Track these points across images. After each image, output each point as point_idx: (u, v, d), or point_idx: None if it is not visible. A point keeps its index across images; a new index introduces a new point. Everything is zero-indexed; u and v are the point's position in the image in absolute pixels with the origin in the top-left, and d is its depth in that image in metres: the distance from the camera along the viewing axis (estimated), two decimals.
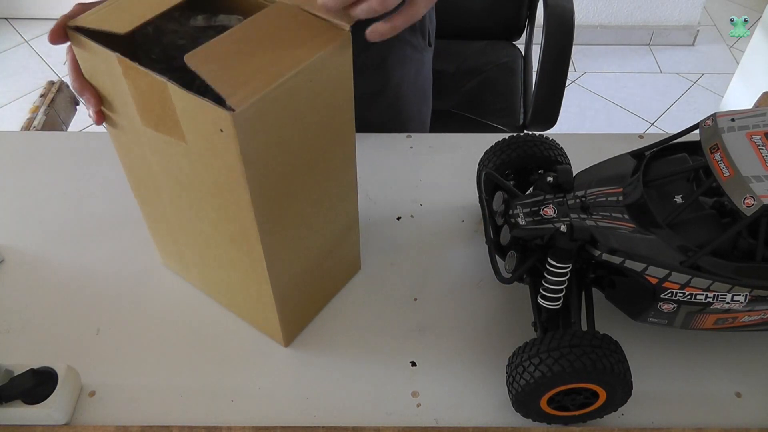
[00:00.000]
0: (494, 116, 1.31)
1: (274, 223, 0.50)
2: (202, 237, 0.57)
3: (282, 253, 0.54)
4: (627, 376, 0.52)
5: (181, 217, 0.57)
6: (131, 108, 0.49)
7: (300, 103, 0.46)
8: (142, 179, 0.58)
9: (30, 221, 0.73)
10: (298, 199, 0.52)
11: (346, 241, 0.64)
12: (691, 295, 0.52)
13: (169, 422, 0.56)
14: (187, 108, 0.44)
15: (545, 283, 0.56)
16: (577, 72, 2.46)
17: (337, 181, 0.57)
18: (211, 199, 0.51)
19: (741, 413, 0.57)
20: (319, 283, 0.63)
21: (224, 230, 0.53)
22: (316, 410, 0.57)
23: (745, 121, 0.52)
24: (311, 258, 0.59)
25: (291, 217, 0.53)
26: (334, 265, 0.64)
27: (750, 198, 0.47)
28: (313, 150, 0.51)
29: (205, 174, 0.48)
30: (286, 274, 0.56)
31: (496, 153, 0.68)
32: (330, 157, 0.54)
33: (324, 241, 0.59)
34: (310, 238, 0.57)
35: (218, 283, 0.63)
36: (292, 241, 0.55)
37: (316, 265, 0.60)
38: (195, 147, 0.47)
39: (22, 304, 0.66)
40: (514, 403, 0.55)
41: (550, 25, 1.14)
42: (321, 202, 0.55)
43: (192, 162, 0.49)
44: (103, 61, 0.47)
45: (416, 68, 0.90)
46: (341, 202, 0.59)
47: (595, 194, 0.57)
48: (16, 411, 0.54)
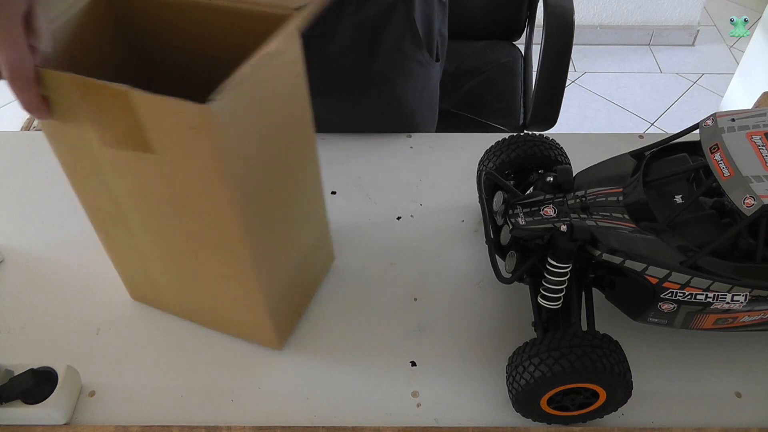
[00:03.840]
0: (494, 116, 1.31)
1: (256, 221, 0.50)
2: (180, 256, 0.55)
3: (267, 252, 0.53)
4: (627, 376, 0.52)
5: (154, 241, 0.55)
6: (88, 133, 0.47)
7: (263, 95, 0.46)
8: (105, 210, 0.55)
9: (30, 221, 0.73)
10: (276, 194, 0.52)
11: (322, 234, 0.64)
12: (691, 295, 0.52)
13: (169, 422, 0.56)
14: (153, 113, 0.42)
15: (545, 283, 0.56)
16: (577, 72, 2.46)
17: (307, 172, 0.57)
18: (188, 209, 0.49)
19: (741, 413, 0.57)
20: (303, 280, 0.63)
21: (205, 240, 0.51)
22: (316, 410, 0.57)
23: (745, 121, 0.52)
24: (295, 255, 0.59)
25: (272, 214, 0.52)
26: (314, 260, 0.64)
27: (750, 198, 0.47)
28: (281, 141, 0.51)
29: (179, 183, 0.47)
30: (273, 275, 0.55)
31: (496, 153, 0.68)
32: (297, 148, 0.54)
33: (305, 237, 0.59)
34: (292, 234, 0.57)
35: (200, 303, 0.61)
36: (276, 240, 0.54)
37: (300, 262, 0.60)
38: (165, 155, 0.45)
39: (22, 304, 0.66)
40: (514, 403, 0.55)
41: (550, 25, 1.14)
42: (297, 197, 0.56)
43: (163, 173, 0.47)
44: (58, 86, 0.45)
45: (423, 83, 0.89)
46: (314, 194, 0.60)
47: (595, 194, 0.57)
48: (16, 411, 0.54)
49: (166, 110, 0.41)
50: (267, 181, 0.50)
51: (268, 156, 0.49)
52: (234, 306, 0.58)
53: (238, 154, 0.45)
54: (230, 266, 0.53)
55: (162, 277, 0.60)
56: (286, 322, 0.62)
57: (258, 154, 0.48)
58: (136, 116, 0.42)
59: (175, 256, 0.56)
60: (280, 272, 0.57)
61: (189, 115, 0.40)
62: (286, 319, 0.62)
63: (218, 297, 0.58)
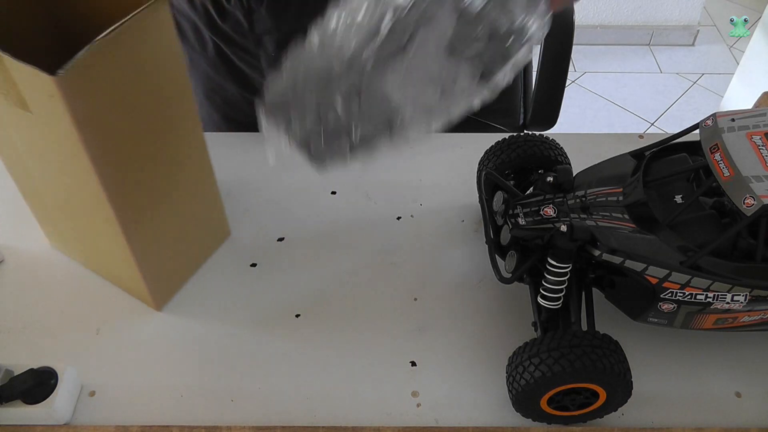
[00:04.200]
0: (494, 116, 1.30)
1: (123, 186, 0.53)
2: (71, 209, 0.59)
3: (137, 216, 0.57)
4: (627, 376, 0.52)
5: (51, 194, 0.60)
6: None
7: (127, 65, 0.48)
8: (15, 163, 0.60)
9: (30, 221, 0.73)
10: (148, 163, 0.55)
11: (208, 205, 0.67)
12: (691, 295, 0.52)
13: (169, 422, 0.56)
14: (22, 77, 0.45)
15: (545, 283, 0.56)
16: (577, 72, 2.46)
17: (185, 144, 0.59)
18: (62, 168, 0.53)
19: (741, 413, 0.57)
20: (185, 248, 0.66)
21: (81, 198, 0.56)
22: (316, 410, 0.57)
23: (745, 121, 0.52)
24: (171, 222, 0.61)
25: (143, 182, 0.56)
26: (199, 230, 0.67)
27: (750, 198, 0.47)
28: (150, 112, 0.53)
29: (52, 142, 0.51)
30: (144, 237, 0.58)
31: (496, 153, 0.68)
32: (172, 120, 0.56)
33: (183, 205, 0.62)
34: (166, 201, 0.60)
35: (95, 255, 0.65)
36: (148, 206, 0.58)
37: (179, 230, 0.63)
38: (37, 116, 0.49)
39: (22, 304, 0.66)
40: (514, 403, 0.55)
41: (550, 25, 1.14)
42: (170, 164, 0.58)
43: (42, 133, 0.51)
44: None
45: None
46: (194, 165, 0.62)
47: (595, 194, 0.57)
48: (16, 411, 0.54)
49: (30, 76, 0.44)
50: (135, 150, 0.53)
51: (136, 126, 0.52)
52: (115, 262, 0.62)
53: (97, 122, 0.48)
54: (102, 225, 0.56)
55: (65, 227, 0.65)
56: (165, 285, 0.65)
57: (124, 124, 0.51)
58: (12, 78, 0.46)
59: (68, 209, 0.61)
60: (154, 236, 0.60)
61: (44, 83, 0.43)
62: (166, 283, 0.65)
63: (104, 251, 0.62)
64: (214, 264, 0.69)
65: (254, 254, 0.70)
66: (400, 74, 0.43)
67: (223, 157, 0.67)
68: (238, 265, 0.69)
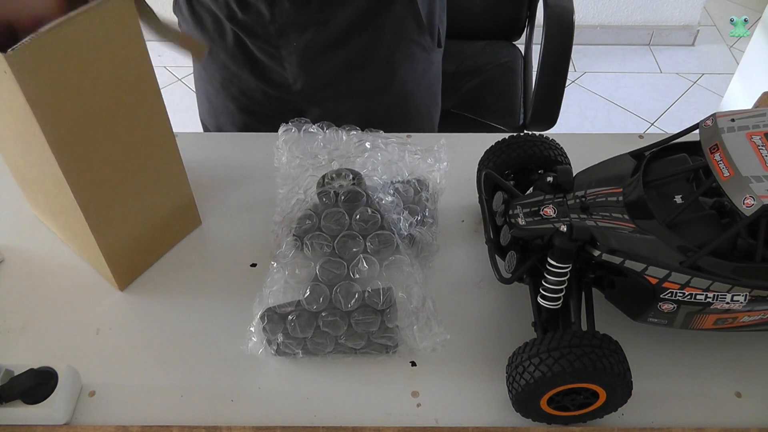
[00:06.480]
0: (494, 116, 1.31)
1: (81, 167, 0.55)
2: (39, 182, 0.62)
3: (98, 195, 0.58)
4: (627, 376, 0.52)
5: (26, 170, 0.63)
6: None
7: (85, 48, 0.50)
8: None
9: (30, 221, 0.73)
10: (104, 144, 0.56)
11: (175, 192, 0.68)
12: (691, 295, 0.52)
13: (169, 422, 0.56)
14: None
15: (545, 283, 0.56)
16: (577, 72, 2.46)
17: (149, 130, 0.61)
18: (28, 145, 0.55)
19: (741, 413, 0.57)
20: (151, 233, 0.67)
21: (46, 176, 0.57)
22: (316, 410, 0.57)
23: (745, 122, 0.52)
24: (134, 205, 0.63)
25: (100, 161, 0.57)
26: (167, 216, 0.68)
27: (750, 198, 0.47)
28: (111, 97, 0.55)
29: (16, 120, 0.52)
30: (107, 220, 0.60)
31: (496, 153, 0.68)
32: (134, 106, 0.57)
33: (148, 189, 0.64)
34: (129, 184, 0.61)
35: (68, 231, 0.67)
36: (109, 185, 0.59)
37: (143, 213, 0.65)
38: (2, 93, 0.50)
39: (22, 304, 0.66)
40: (514, 403, 0.55)
41: (550, 25, 1.14)
42: (134, 150, 0.60)
43: (8, 108, 0.52)
44: None
45: (423, 68, 0.90)
46: (159, 151, 0.63)
47: (595, 194, 0.57)
48: (16, 411, 0.54)
49: None
50: (94, 132, 0.55)
51: (95, 109, 0.54)
52: (81, 239, 0.63)
53: (52, 103, 0.50)
54: (66, 202, 0.57)
55: (39, 199, 0.68)
56: (128, 267, 0.66)
57: (80, 106, 0.52)
58: None
59: (39, 184, 0.63)
60: (117, 219, 0.62)
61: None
62: (129, 265, 0.66)
63: (71, 228, 0.64)
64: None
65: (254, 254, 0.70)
66: None
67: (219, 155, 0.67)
68: (239, 264, 0.69)
